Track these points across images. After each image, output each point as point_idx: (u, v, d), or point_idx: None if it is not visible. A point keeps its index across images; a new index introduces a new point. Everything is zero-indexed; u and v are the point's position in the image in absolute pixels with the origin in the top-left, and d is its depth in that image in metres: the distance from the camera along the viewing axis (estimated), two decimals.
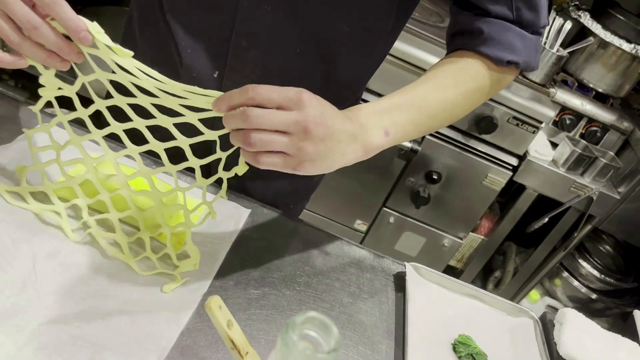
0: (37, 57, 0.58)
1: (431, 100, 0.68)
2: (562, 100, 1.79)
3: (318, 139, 0.56)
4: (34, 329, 0.53)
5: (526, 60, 0.73)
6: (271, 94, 0.56)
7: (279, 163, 0.56)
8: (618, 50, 1.77)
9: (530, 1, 0.71)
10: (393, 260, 0.84)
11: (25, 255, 0.59)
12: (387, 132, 0.63)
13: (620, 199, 1.81)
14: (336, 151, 0.59)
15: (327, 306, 0.71)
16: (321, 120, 0.56)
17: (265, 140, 0.55)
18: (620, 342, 0.81)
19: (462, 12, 0.74)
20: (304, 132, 0.55)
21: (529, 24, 0.72)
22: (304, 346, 0.39)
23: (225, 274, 0.68)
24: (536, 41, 0.74)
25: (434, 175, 1.80)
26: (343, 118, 0.59)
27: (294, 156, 0.56)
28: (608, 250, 2.25)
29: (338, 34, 0.73)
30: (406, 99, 0.67)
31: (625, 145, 1.87)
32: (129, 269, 0.64)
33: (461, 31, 0.75)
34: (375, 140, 0.62)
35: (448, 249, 1.99)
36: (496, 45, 0.71)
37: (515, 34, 0.72)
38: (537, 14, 0.72)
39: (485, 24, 0.71)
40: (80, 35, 0.57)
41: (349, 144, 0.60)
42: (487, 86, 0.73)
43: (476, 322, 0.78)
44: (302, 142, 0.56)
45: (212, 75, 0.77)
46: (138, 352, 0.55)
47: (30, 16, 0.55)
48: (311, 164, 0.57)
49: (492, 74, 0.73)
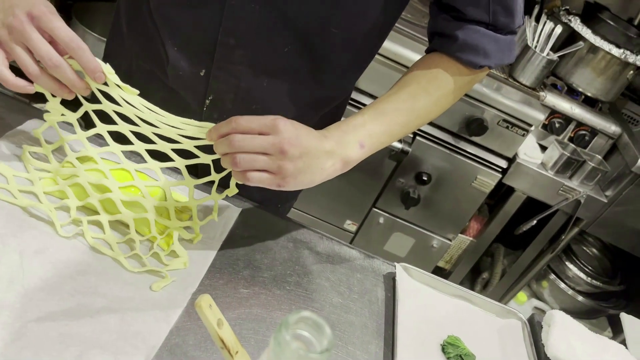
0: (50, 88, 0.64)
1: (403, 109, 0.73)
2: (552, 103, 1.80)
3: (295, 157, 0.63)
4: (21, 326, 0.53)
5: (498, 62, 0.77)
6: (251, 123, 0.64)
7: (266, 179, 0.64)
8: (607, 55, 1.78)
9: (507, 6, 0.73)
10: (383, 261, 0.84)
11: (12, 251, 0.59)
12: (362, 144, 0.69)
13: (608, 203, 1.83)
14: (315, 166, 0.66)
15: (317, 306, 0.71)
16: (295, 141, 0.63)
17: (248, 159, 0.63)
18: (607, 344, 0.82)
19: (441, 14, 0.77)
20: (280, 152, 0.63)
21: (504, 27, 0.75)
22: (297, 346, 0.39)
23: (215, 273, 0.68)
24: (510, 40, 0.77)
25: (424, 177, 1.80)
26: (318, 137, 0.66)
27: (277, 173, 0.64)
28: (595, 253, 2.27)
29: (326, 34, 0.73)
30: (378, 111, 0.72)
31: (613, 149, 1.89)
32: (118, 266, 0.63)
33: (438, 33, 0.78)
34: (352, 154, 0.69)
35: (437, 250, 2.00)
36: (471, 51, 0.75)
37: (489, 39, 0.75)
38: (512, 18, 0.75)
39: (461, 30, 0.74)
40: (95, 75, 0.64)
41: (327, 159, 0.66)
42: (458, 89, 0.78)
43: (465, 323, 0.79)
44: (281, 161, 0.63)
45: (198, 74, 0.76)
46: (127, 350, 0.55)
47: (52, 54, 0.62)
48: (293, 179, 0.64)
49: (464, 78, 0.77)
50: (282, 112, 0.81)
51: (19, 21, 0.61)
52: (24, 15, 0.61)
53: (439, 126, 1.76)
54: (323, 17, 0.71)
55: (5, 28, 0.62)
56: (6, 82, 0.63)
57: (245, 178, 0.63)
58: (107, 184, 0.67)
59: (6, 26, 0.61)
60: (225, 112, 0.80)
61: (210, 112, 0.80)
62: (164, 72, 0.78)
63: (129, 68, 0.83)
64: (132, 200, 0.67)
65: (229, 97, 0.79)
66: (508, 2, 0.73)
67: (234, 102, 0.79)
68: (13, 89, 0.64)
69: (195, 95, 0.79)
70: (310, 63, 0.77)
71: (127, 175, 0.70)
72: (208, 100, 0.79)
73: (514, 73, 1.79)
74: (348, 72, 0.84)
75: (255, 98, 0.79)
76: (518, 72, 1.78)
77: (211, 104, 0.79)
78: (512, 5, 0.74)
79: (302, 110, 0.83)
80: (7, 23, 0.61)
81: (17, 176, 0.68)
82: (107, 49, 0.89)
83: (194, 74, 0.77)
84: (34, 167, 0.69)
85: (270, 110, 0.80)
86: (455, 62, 0.76)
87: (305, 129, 0.66)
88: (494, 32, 0.75)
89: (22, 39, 0.61)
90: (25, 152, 0.70)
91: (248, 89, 0.78)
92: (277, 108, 0.81)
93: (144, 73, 0.82)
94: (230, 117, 0.80)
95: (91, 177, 0.67)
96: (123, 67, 0.84)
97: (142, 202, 0.67)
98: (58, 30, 0.62)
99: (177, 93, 0.80)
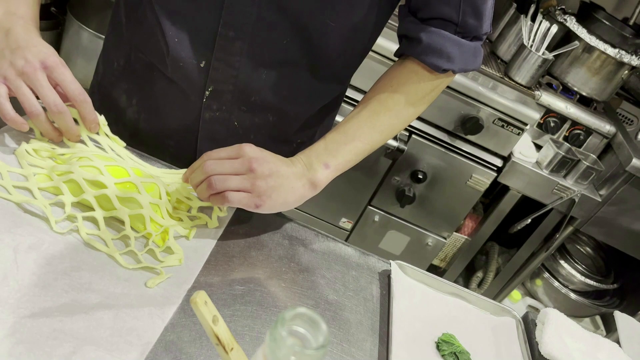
0: (44, 129, 0.70)
1: (365, 127, 0.76)
2: (547, 102, 1.81)
3: (265, 175, 0.68)
4: (15, 321, 0.52)
5: (462, 67, 0.78)
6: (219, 153, 0.69)
7: (243, 198, 0.68)
8: (602, 54, 1.79)
9: (476, 8, 0.74)
10: (378, 259, 0.84)
11: (6, 246, 0.58)
12: (326, 165, 0.73)
13: (602, 202, 1.84)
14: (286, 185, 0.70)
15: (312, 303, 0.71)
16: (262, 160, 0.68)
17: (222, 179, 0.67)
18: (601, 342, 0.82)
19: (408, 17, 0.78)
20: (250, 170, 0.67)
21: (471, 30, 0.76)
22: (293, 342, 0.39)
23: (211, 269, 0.68)
24: (475, 47, 0.78)
25: (419, 175, 1.81)
26: (285, 161, 0.71)
27: (252, 192, 0.68)
28: (589, 252, 2.28)
29: (324, 28, 0.74)
30: (340, 133, 0.76)
31: (607, 148, 1.90)
32: (113, 262, 0.63)
33: (405, 36, 0.79)
34: (319, 175, 0.73)
35: (432, 248, 2.00)
36: (434, 55, 0.75)
37: (452, 43, 0.75)
38: (480, 21, 0.75)
39: (426, 33, 0.75)
40: (92, 125, 0.73)
41: (296, 180, 0.71)
42: (421, 98, 0.80)
43: (460, 321, 0.79)
44: (254, 180, 0.67)
45: (198, 65, 0.77)
46: (121, 346, 0.54)
47: (58, 102, 0.68)
48: (268, 198, 0.68)
49: (427, 84, 0.79)
50: (281, 103, 0.82)
51: (32, 67, 0.66)
52: (37, 62, 0.67)
53: (434, 124, 1.76)
54: (320, 10, 0.72)
55: (12, 68, 0.67)
56: (5, 116, 0.67)
57: (224, 199, 0.67)
58: (102, 180, 0.67)
59: (14, 67, 0.66)
60: (224, 103, 0.81)
61: (209, 103, 0.81)
62: (164, 63, 0.79)
63: (128, 60, 0.84)
64: (127, 196, 0.67)
65: (228, 89, 0.79)
66: (478, 4, 0.74)
67: (233, 93, 0.80)
68: (10, 123, 0.68)
69: (194, 86, 0.79)
70: (308, 56, 0.78)
71: (123, 171, 0.70)
72: (208, 91, 0.79)
73: (509, 72, 1.79)
74: (344, 65, 0.85)
75: (254, 89, 0.80)
76: (513, 71, 1.78)
77: (211, 95, 0.80)
78: (482, 9, 0.74)
79: (299, 102, 0.84)
80: (17, 66, 0.66)
81: (12, 172, 0.67)
82: (106, 41, 0.89)
83: (194, 65, 0.77)
84: (28, 162, 0.69)
85: (269, 102, 0.81)
86: (419, 66, 0.77)
87: (272, 153, 0.71)
88: (461, 36, 0.76)
89: (31, 83, 0.67)
90: (21, 148, 0.69)
91: (247, 81, 0.78)
92: (275, 100, 0.82)
93: (143, 65, 0.82)
94: (229, 109, 0.81)
95: (86, 174, 0.67)
96: (122, 60, 0.84)
97: (137, 198, 0.67)
98: (68, 83, 0.69)
99: (177, 85, 0.80)
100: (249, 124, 0.84)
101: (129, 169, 0.71)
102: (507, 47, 1.91)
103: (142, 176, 0.71)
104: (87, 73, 1.63)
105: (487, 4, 0.75)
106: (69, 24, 1.61)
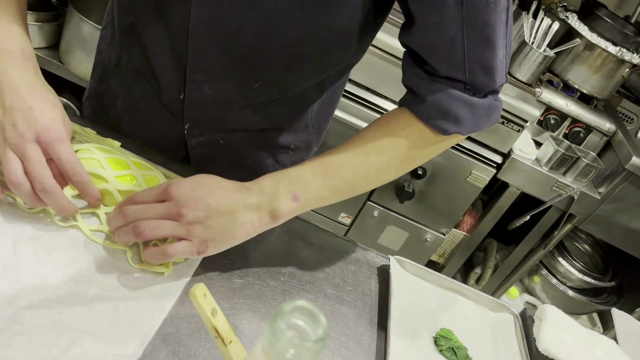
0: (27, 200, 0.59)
1: (350, 165, 0.66)
2: (548, 100, 1.81)
3: (200, 218, 0.59)
4: (14, 313, 0.52)
5: (472, 130, 0.69)
6: (145, 197, 0.61)
7: (186, 249, 0.59)
8: (604, 52, 1.79)
9: (485, 65, 0.64)
10: (377, 253, 0.84)
11: (6, 238, 0.58)
12: (295, 197, 0.63)
13: (601, 199, 1.84)
14: (232, 223, 0.60)
15: (311, 297, 0.71)
16: (193, 202, 0.59)
17: (152, 226, 0.58)
18: (598, 339, 0.83)
19: (412, 66, 0.68)
20: (179, 216, 0.58)
21: (483, 86, 0.66)
22: (292, 335, 0.39)
23: (210, 263, 0.68)
24: (489, 104, 0.68)
25: (419, 171, 1.81)
26: (235, 191, 0.61)
27: (192, 239, 0.59)
28: (587, 249, 2.29)
29: (297, 69, 0.71)
30: (322, 164, 0.65)
31: (607, 146, 1.90)
32: (112, 255, 0.63)
33: (409, 88, 0.70)
34: (282, 207, 0.62)
35: (430, 244, 2.00)
36: (439, 116, 0.66)
37: (462, 103, 0.66)
38: (492, 76, 0.66)
39: (431, 90, 0.66)
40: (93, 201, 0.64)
41: (248, 213, 0.61)
42: (419, 153, 0.70)
43: (458, 316, 0.79)
44: (187, 225, 0.59)
45: (178, 97, 0.76)
46: (120, 338, 0.54)
47: (45, 179, 0.58)
48: (212, 242, 0.60)
49: (428, 141, 0.69)
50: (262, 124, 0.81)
51: (23, 139, 0.57)
52: (30, 134, 0.57)
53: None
54: (293, 56, 0.69)
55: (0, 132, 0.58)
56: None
57: (166, 254, 0.59)
58: (102, 173, 0.66)
59: (3, 133, 0.58)
60: (205, 129, 0.80)
61: (192, 132, 0.80)
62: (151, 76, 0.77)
63: (118, 62, 0.82)
64: (128, 189, 0.67)
65: (204, 122, 0.79)
66: (486, 60, 0.64)
67: (210, 125, 0.79)
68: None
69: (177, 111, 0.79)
70: (282, 94, 0.76)
71: (124, 163, 0.70)
72: (186, 126, 0.79)
73: (510, 69, 1.79)
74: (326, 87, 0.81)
75: (230, 121, 0.79)
76: (514, 68, 1.78)
77: (190, 127, 0.80)
78: (491, 63, 0.64)
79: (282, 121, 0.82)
80: (6, 133, 0.57)
81: None
82: (102, 33, 0.87)
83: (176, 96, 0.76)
84: None
85: (249, 126, 0.81)
86: (423, 125, 0.68)
87: (210, 187, 0.61)
88: (472, 94, 0.66)
89: (19, 153, 0.57)
90: None
91: (222, 117, 0.78)
92: (255, 123, 0.80)
93: (132, 70, 0.81)
94: (211, 133, 0.80)
95: (87, 167, 0.67)
96: (114, 59, 0.82)
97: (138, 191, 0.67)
98: (64, 163, 0.60)
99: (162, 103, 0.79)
100: (235, 141, 0.83)
101: (130, 161, 0.70)
102: None
103: (143, 169, 0.71)
104: (87, 65, 1.62)
105: (497, 57, 0.64)
106: (69, 16, 1.60)
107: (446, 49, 0.63)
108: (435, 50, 0.64)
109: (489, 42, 0.63)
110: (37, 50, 1.63)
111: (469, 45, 0.62)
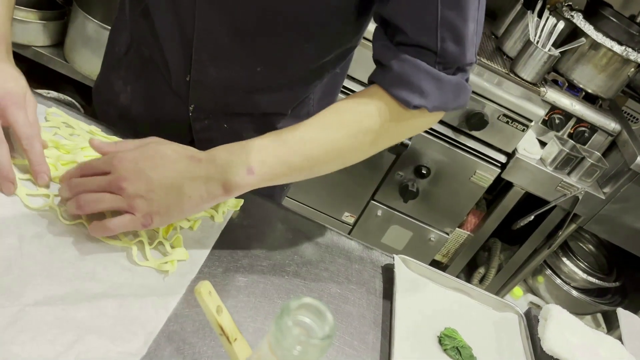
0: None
1: (309, 140, 0.64)
2: (552, 99, 1.80)
3: (141, 192, 0.58)
4: (19, 309, 0.52)
5: (439, 105, 0.67)
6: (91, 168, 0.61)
7: (129, 223, 0.59)
8: (609, 52, 1.78)
9: (456, 32, 0.64)
10: (381, 252, 0.84)
11: (12, 235, 0.58)
12: (250, 170, 0.61)
13: (605, 199, 1.83)
14: (175, 196, 0.60)
15: (315, 296, 0.71)
16: (133, 176, 0.58)
17: (93, 199, 0.59)
18: (603, 339, 0.82)
19: (381, 39, 0.68)
20: (119, 190, 0.59)
21: (453, 59, 0.65)
22: (299, 332, 0.38)
23: (214, 261, 0.68)
24: (457, 82, 0.67)
25: (423, 170, 1.80)
26: (185, 163, 0.60)
27: (135, 212, 0.59)
28: (591, 250, 2.28)
29: (299, 52, 0.73)
30: (280, 138, 0.64)
31: (612, 146, 1.89)
32: (117, 252, 0.63)
33: (377, 61, 0.69)
34: (236, 179, 0.61)
35: (434, 244, 2.00)
36: (404, 87, 0.65)
37: (428, 76, 0.65)
38: (462, 48, 0.65)
39: (398, 61, 0.65)
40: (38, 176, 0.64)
41: (197, 185, 0.60)
42: (387, 130, 0.68)
43: (462, 316, 0.79)
44: (129, 199, 0.58)
45: (184, 79, 0.78)
46: (124, 336, 0.54)
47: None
48: (158, 215, 0.60)
49: (395, 117, 0.67)
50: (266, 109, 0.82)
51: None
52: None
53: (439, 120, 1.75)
54: (294, 37, 0.70)
55: None
56: None
57: (107, 228, 0.59)
58: None
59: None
60: (210, 113, 0.82)
61: (197, 115, 0.82)
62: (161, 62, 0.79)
63: (127, 50, 0.84)
64: None
65: (209, 106, 0.81)
66: (459, 29, 0.63)
67: (215, 108, 0.81)
68: None
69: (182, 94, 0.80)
70: (284, 79, 0.77)
71: None
72: (191, 107, 0.81)
73: (515, 68, 1.79)
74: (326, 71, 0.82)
75: (235, 105, 0.81)
76: (519, 67, 1.77)
77: (195, 109, 0.81)
78: (463, 32, 0.64)
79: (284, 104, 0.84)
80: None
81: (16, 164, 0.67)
82: (115, 23, 0.89)
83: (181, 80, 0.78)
84: None
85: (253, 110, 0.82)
86: (389, 98, 0.66)
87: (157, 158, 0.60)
88: (441, 68, 0.65)
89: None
90: None
91: (225, 100, 0.79)
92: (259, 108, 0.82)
93: (141, 58, 0.83)
94: (215, 116, 0.82)
95: None
96: (123, 47, 0.84)
97: None
98: (19, 126, 0.63)
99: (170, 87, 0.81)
100: (238, 125, 0.84)
101: None
102: (513, 43, 1.90)
103: None
104: (92, 63, 1.63)
105: (469, 28, 0.64)
106: (74, 15, 1.61)
107: (420, 9, 0.63)
108: (408, 13, 0.64)
109: (462, 9, 0.63)
110: (42, 48, 1.64)
111: (443, 8, 0.62)
